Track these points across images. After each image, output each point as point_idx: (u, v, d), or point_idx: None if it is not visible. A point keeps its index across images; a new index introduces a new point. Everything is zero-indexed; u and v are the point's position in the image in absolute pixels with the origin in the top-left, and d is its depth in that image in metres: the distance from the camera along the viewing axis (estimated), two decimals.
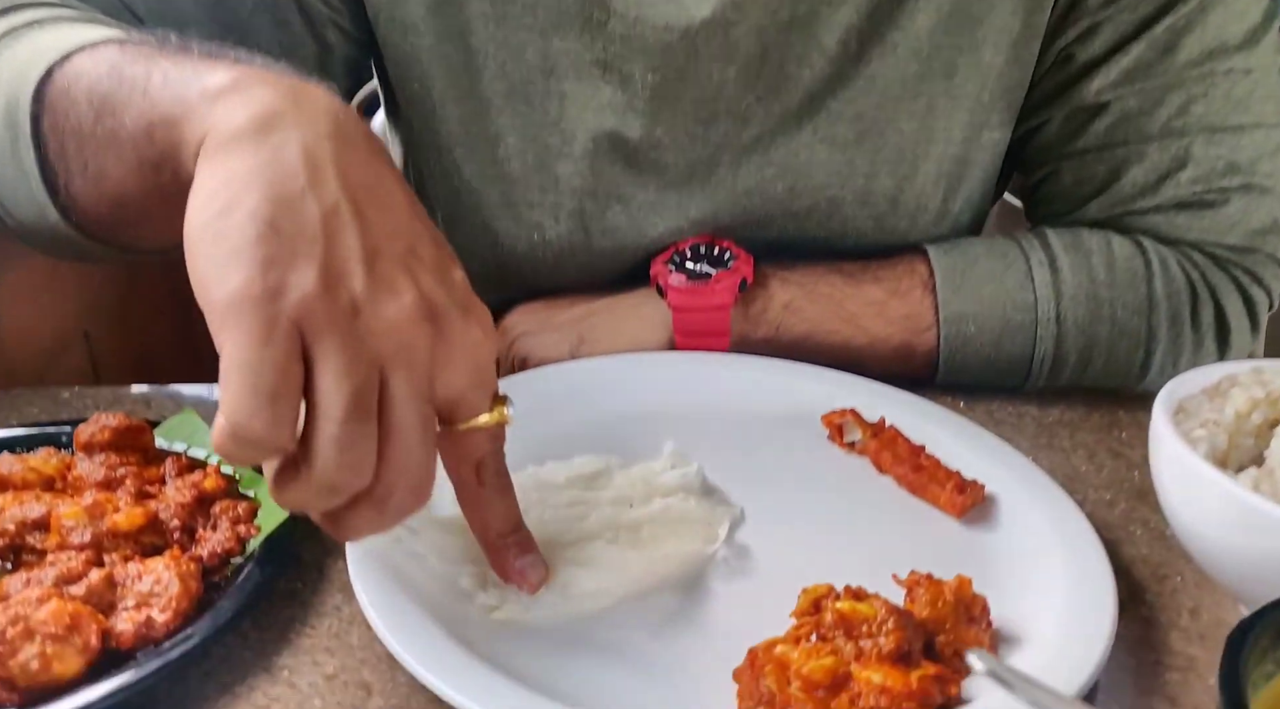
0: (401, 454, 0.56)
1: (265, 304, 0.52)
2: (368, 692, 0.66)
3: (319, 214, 0.56)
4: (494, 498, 0.67)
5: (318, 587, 0.74)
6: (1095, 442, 0.96)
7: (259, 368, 0.51)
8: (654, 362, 0.98)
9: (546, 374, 0.96)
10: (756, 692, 0.63)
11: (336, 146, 0.59)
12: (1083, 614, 0.71)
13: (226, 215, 0.54)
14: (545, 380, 0.95)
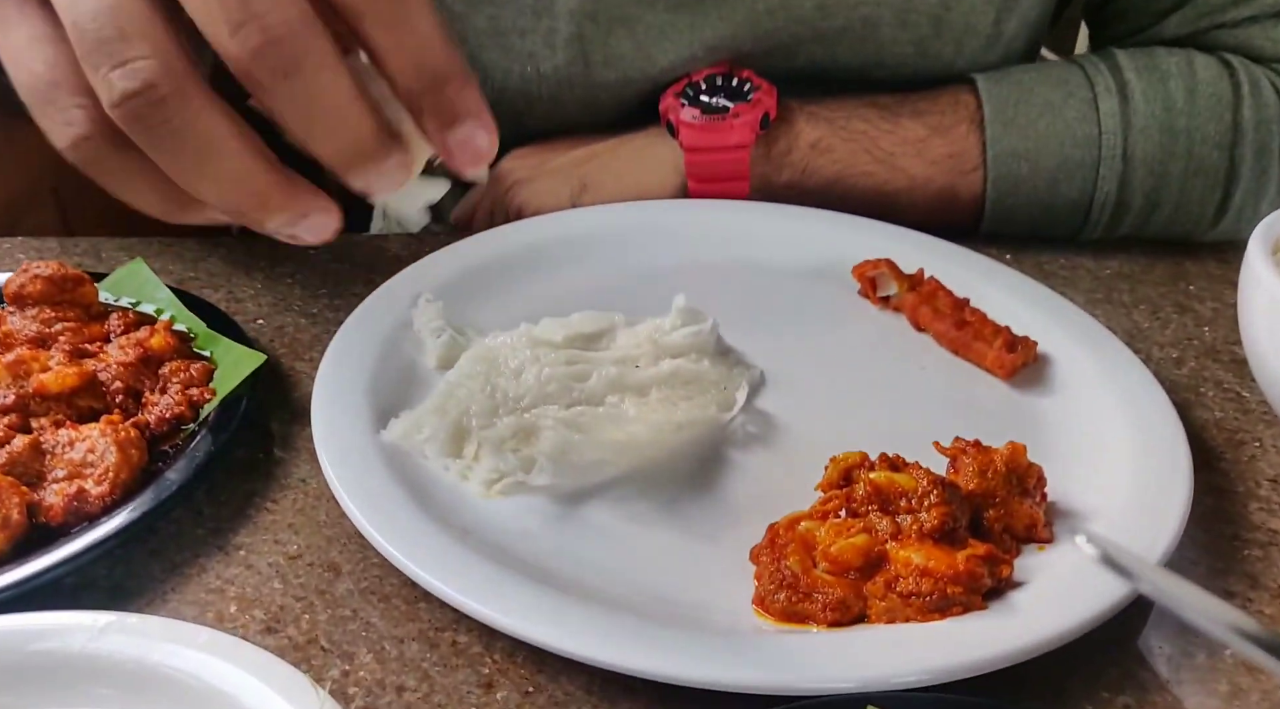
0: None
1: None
2: (335, 573, 0.58)
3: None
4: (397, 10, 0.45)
5: (282, 457, 0.66)
6: (1159, 295, 0.86)
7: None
8: (664, 210, 0.88)
9: (543, 224, 0.86)
10: (777, 575, 0.55)
11: None
12: (1152, 486, 0.62)
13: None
14: (542, 230, 0.85)
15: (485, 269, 0.81)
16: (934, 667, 0.50)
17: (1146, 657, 0.55)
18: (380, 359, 0.71)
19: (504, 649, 0.54)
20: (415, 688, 0.52)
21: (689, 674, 0.50)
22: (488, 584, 0.54)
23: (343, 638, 0.54)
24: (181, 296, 0.74)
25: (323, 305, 0.81)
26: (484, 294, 0.79)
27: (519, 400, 0.68)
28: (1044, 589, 0.55)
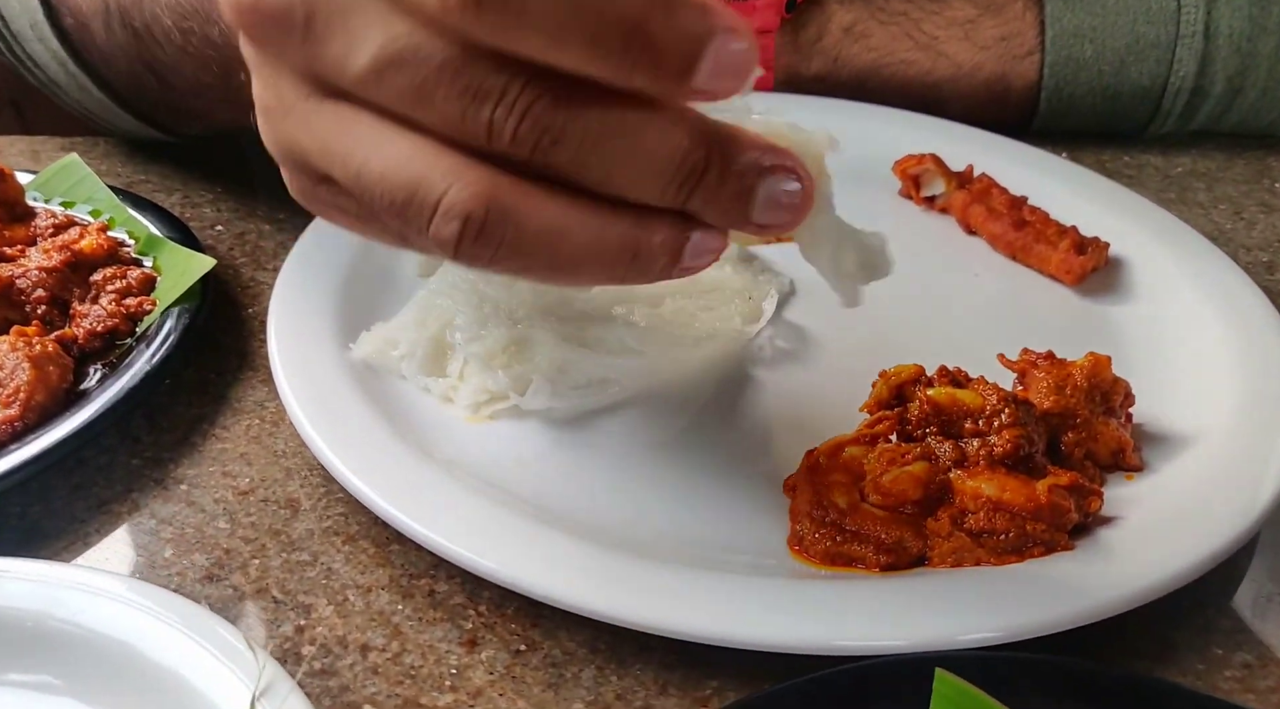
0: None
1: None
2: (293, 510, 0.49)
3: None
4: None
5: (238, 378, 0.57)
6: (1241, 194, 0.76)
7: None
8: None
9: None
10: (818, 510, 0.46)
11: None
12: (1259, 402, 0.52)
13: None
14: None
15: None
16: (1013, 621, 0.41)
17: (1264, 606, 0.46)
18: (353, 265, 0.61)
19: (491, 600, 0.45)
20: (383, 646, 0.43)
21: (711, 630, 0.41)
22: (471, 523, 0.45)
23: (299, 586, 0.46)
24: (126, 198, 0.65)
25: (292, 210, 0.71)
26: None
27: (512, 312, 0.59)
28: (1140, 526, 0.46)
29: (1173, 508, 0.47)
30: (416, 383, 0.55)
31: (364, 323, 0.57)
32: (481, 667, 0.43)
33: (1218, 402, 0.53)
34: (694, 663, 0.43)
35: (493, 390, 0.54)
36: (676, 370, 0.57)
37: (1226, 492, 0.47)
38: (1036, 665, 0.40)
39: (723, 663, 0.42)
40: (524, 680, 0.42)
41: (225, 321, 0.61)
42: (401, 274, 0.63)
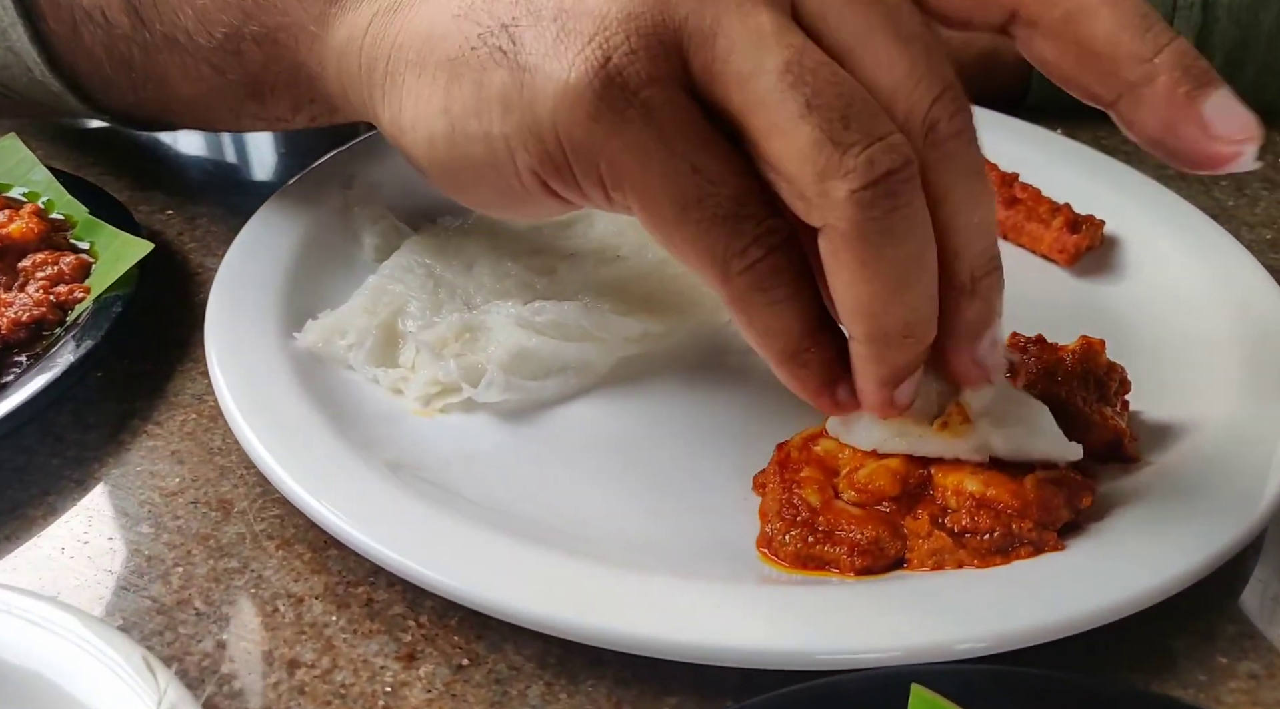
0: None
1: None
2: (224, 513, 0.46)
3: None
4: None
5: (176, 370, 0.53)
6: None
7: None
8: None
9: None
10: (788, 508, 0.42)
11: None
12: (1265, 388, 0.48)
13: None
14: None
15: None
16: (997, 630, 0.38)
17: (1272, 610, 0.42)
18: (302, 250, 0.58)
19: (433, 610, 0.42)
20: (313, 662, 0.40)
21: (669, 643, 0.38)
22: (414, 528, 0.42)
23: (224, 597, 0.42)
24: (67, 180, 0.61)
25: (246, 195, 0.68)
26: None
27: (469, 298, 0.56)
28: (1137, 524, 0.42)
29: (1172, 503, 0.43)
30: (365, 374, 0.52)
31: (313, 310, 0.54)
32: (419, 684, 0.39)
33: (1220, 388, 0.49)
34: (651, 678, 0.39)
35: (444, 382, 0.51)
36: (642, 360, 0.54)
37: (1230, 485, 0.44)
38: (1023, 679, 0.36)
39: (682, 678, 0.39)
40: (465, 699, 0.39)
41: (168, 310, 0.57)
42: (358, 262, 0.59)
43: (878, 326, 0.38)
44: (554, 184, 0.40)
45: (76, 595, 0.42)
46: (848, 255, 0.37)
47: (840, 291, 0.38)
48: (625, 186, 0.38)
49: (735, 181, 0.38)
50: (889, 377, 0.40)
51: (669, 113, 0.37)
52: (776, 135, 0.36)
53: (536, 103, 0.38)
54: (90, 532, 0.45)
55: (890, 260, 0.37)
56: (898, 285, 0.37)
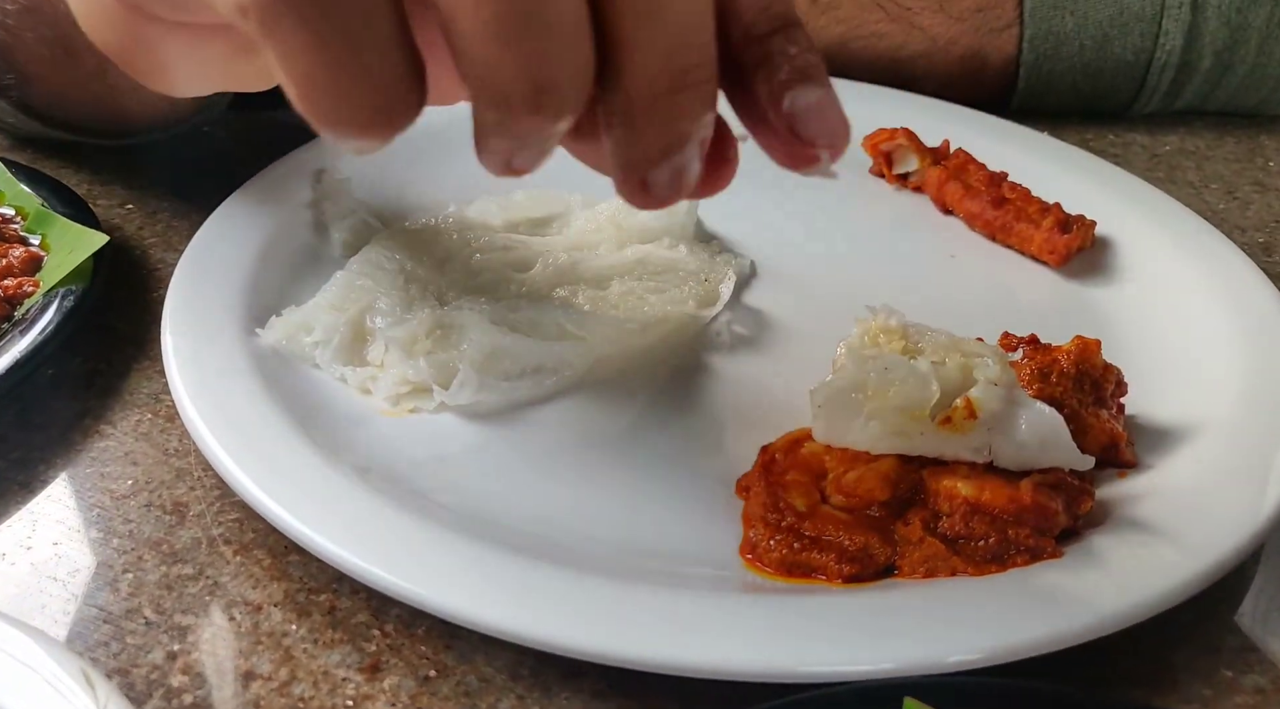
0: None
1: None
2: (179, 517, 0.43)
3: None
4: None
5: (132, 368, 0.51)
6: (1234, 173, 0.71)
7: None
8: None
9: None
10: (773, 513, 0.40)
11: None
12: (1263, 392, 0.47)
13: None
14: None
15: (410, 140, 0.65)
16: (992, 642, 0.36)
17: (1275, 621, 0.41)
18: (267, 245, 0.55)
19: (400, 619, 0.40)
20: (270, 674, 0.37)
21: (649, 655, 0.36)
22: (380, 532, 0.40)
23: (176, 605, 0.40)
24: (20, 171, 0.59)
25: (210, 187, 0.66)
26: (408, 170, 0.63)
27: (441, 294, 0.53)
28: (1135, 531, 0.41)
29: (1171, 509, 0.41)
30: (332, 372, 0.50)
31: (277, 307, 0.52)
32: (383, 697, 0.37)
33: (1218, 391, 0.48)
34: (629, 692, 0.37)
35: (414, 381, 0.48)
36: (621, 359, 0.52)
37: (1230, 492, 0.42)
38: (1020, 693, 0.35)
39: (662, 691, 0.37)
40: None
41: (125, 306, 0.55)
42: (325, 258, 0.57)
43: (491, 81, 0.28)
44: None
45: (17, 604, 0.39)
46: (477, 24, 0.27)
47: (452, 39, 0.28)
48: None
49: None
50: (509, 148, 0.30)
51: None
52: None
53: None
54: (34, 537, 0.42)
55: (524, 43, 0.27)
56: (517, 27, 0.27)
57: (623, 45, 0.29)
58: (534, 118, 0.29)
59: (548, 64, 0.28)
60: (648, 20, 0.29)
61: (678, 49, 0.29)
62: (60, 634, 0.38)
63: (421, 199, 0.60)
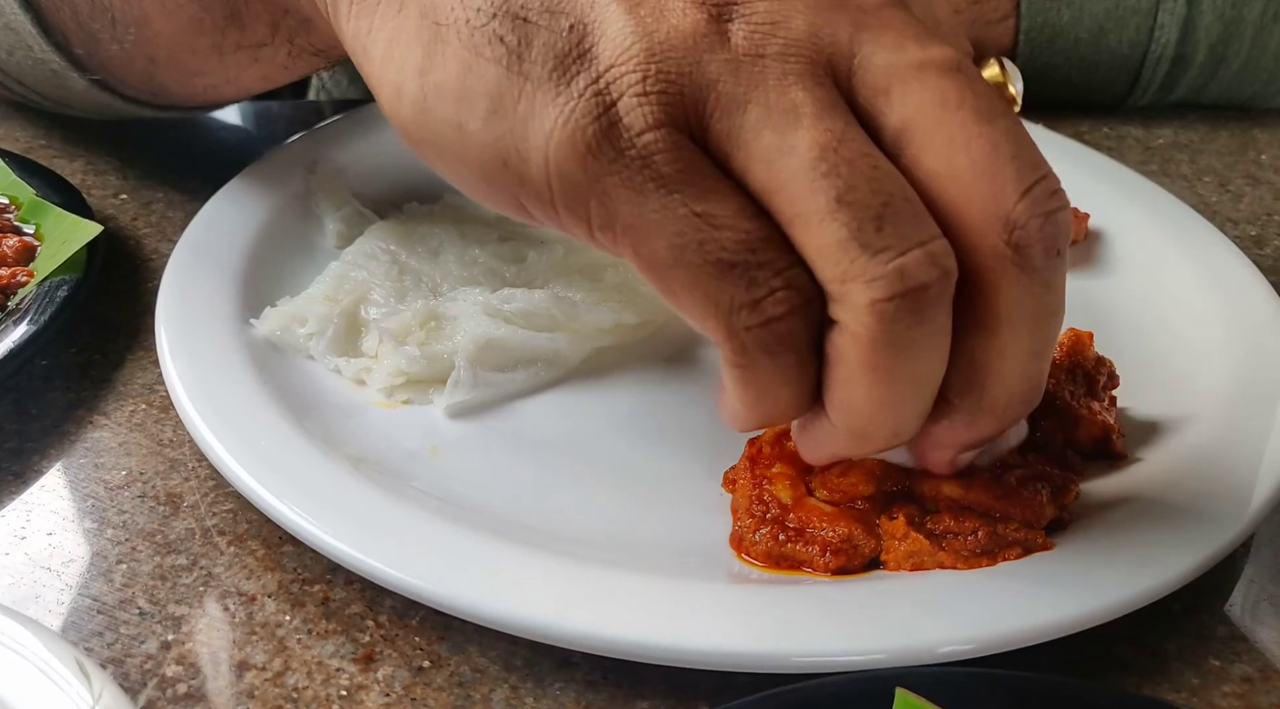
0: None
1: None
2: (173, 508, 0.44)
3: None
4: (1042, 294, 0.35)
5: (126, 359, 0.51)
6: (1226, 166, 0.71)
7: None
8: None
9: None
10: (758, 504, 0.41)
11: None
12: (1257, 385, 0.47)
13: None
14: None
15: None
16: (986, 631, 0.36)
17: (1264, 611, 0.41)
18: (261, 235, 0.55)
19: (394, 610, 0.40)
20: (264, 664, 0.38)
21: (640, 644, 0.36)
22: (373, 522, 0.40)
23: (170, 595, 0.40)
24: (14, 161, 0.59)
25: (205, 179, 0.66)
26: (402, 161, 0.62)
27: (435, 286, 0.53)
28: (1126, 523, 0.41)
29: (1162, 501, 0.42)
30: (326, 364, 0.50)
31: (271, 298, 0.52)
32: (377, 687, 0.37)
33: (1210, 384, 0.48)
34: (621, 681, 0.37)
35: (408, 372, 0.48)
36: (615, 351, 0.52)
37: (1221, 483, 0.42)
38: (1011, 683, 0.35)
39: (654, 681, 0.37)
40: (425, 703, 0.37)
41: (119, 296, 0.55)
42: (320, 249, 0.57)
43: (862, 427, 0.35)
44: (530, 206, 0.36)
45: (11, 594, 0.39)
46: (855, 359, 0.33)
47: (836, 387, 0.35)
48: (616, 227, 0.34)
49: (747, 226, 0.33)
50: (850, 455, 0.39)
51: (670, 158, 0.33)
52: (800, 224, 0.33)
53: (530, 122, 0.34)
54: (28, 527, 0.42)
55: (898, 376, 0.33)
56: (897, 400, 0.34)
57: (989, 373, 0.35)
58: (876, 446, 0.37)
59: (913, 419, 0.35)
60: (1030, 363, 0.35)
61: (1035, 377, 0.36)
62: (55, 624, 0.39)
63: (416, 190, 0.60)
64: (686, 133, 0.33)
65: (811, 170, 0.32)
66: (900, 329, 0.32)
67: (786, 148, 0.32)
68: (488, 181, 0.36)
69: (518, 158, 0.35)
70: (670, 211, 0.33)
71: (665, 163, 0.33)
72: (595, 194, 0.34)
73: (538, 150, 0.34)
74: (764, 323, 0.33)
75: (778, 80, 0.33)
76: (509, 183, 0.36)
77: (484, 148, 0.35)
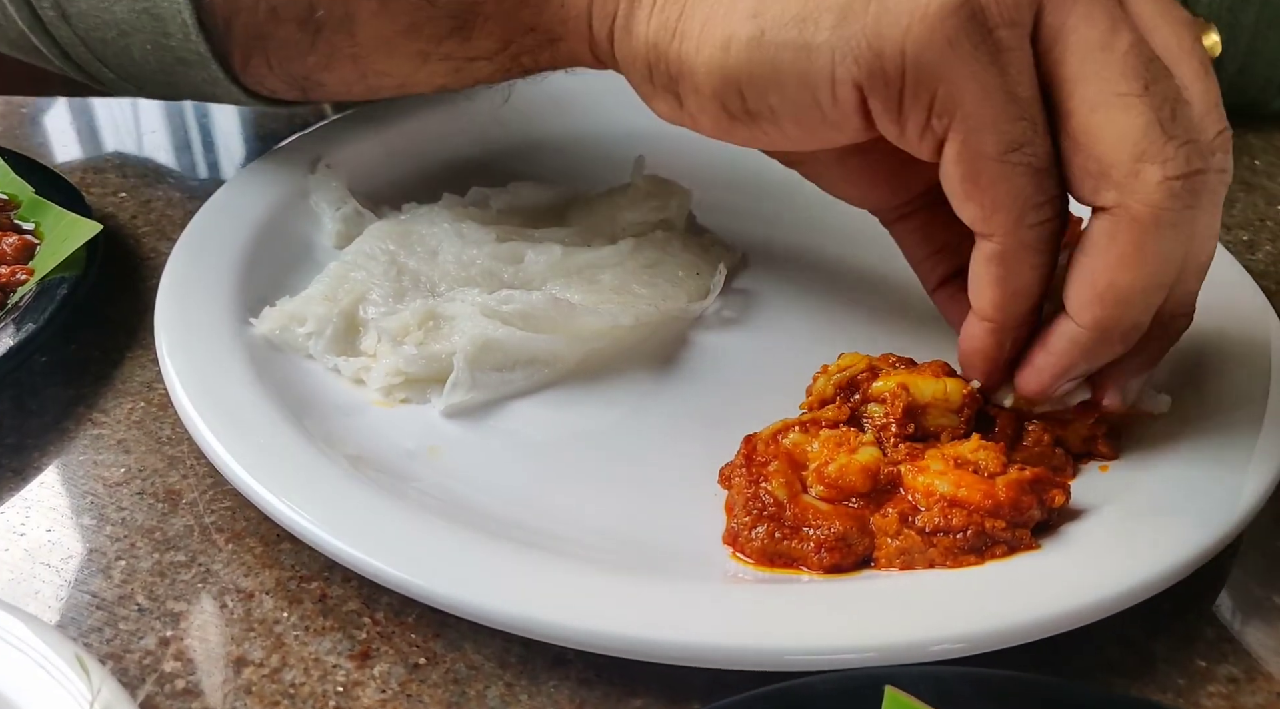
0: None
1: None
2: (172, 504, 0.44)
3: None
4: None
5: (125, 357, 0.51)
6: None
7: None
8: None
9: None
10: (754, 501, 0.41)
11: None
12: (1242, 389, 0.48)
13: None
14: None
15: (405, 132, 0.65)
16: (975, 630, 0.37)
17: (1251, 612, 0.42)
18: (260, 234, 0.56)
19: (390, 607, 0.40)
20: (261, 660, 0.38)
21: (634, 643, 0.36)
22: (370, 520, 0.40)
23: (169, 592, 0.40)
24: (13, 159, 0.59)
25: (205, 178, 0.66)
26: (402, 161, 0.64)
27: (433, 286, 0.54)
28: (1114, 523, 0.41)
29: (1150, 502, 0.42)
30: (325, 363, 0.50)
31: (270, 297, 0.52)
32: (373, 683, 0.38)
33: (1198, 386, 0.48)
34: (615, 679, 0.38)
35: (406, 372, 0.49)
36: (612, 351, 0.52)
37: (1208, 485, 0.43)
38: (999, 682, 0.35)
39: (647, 679, 0.37)
40: (421, 699, 0.37)
41: (118, 295, 0.55)
42: (319, 248, 0.57)
43: (1113, 317, 0.39)
44: (875, 101, 0.40)
45: (11, 590, 0.40)
46: (1129, 238, 0.38)
47: (1095, 274, 0.39)
48: (955, 114, 0.38)
49: (1048, 140, 0.39)
50: (1077, 372, 0.42)
51: (1018, 57, 0.38)
52: (1104, 107, 0.37)
53: (887, 16, 0.38)
54: (28, 523, 0.43)
55: (1163, 255, 0.38)
56: (1157, 281, 0.39)
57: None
58: (1111, 350, 0.41)
59: (1150, 314, 0.40)
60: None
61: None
62: (54, 620, 0.39)
63: (415, 190, 0.61)
64: (1028, 28, 0.38)
65: (1124, 61, 0.37)
66: (1180, 206, 0.37)
67: (1106, 42, 0.38)
68: (831, 88, 0.40)
69: (870, 53, 0.38)
70: (1008, 111, 0.38)
71: (1014, 63, 0.38)
72: (945, 81, 0.38)
73: (893, 43, 0.38)
74: (1043, 222, 0.39)
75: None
76: (853, 80, 0.39)
77: (831, 53, 0.39)
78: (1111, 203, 0.38)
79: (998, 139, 0.38)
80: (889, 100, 0.39)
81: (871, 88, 0.39)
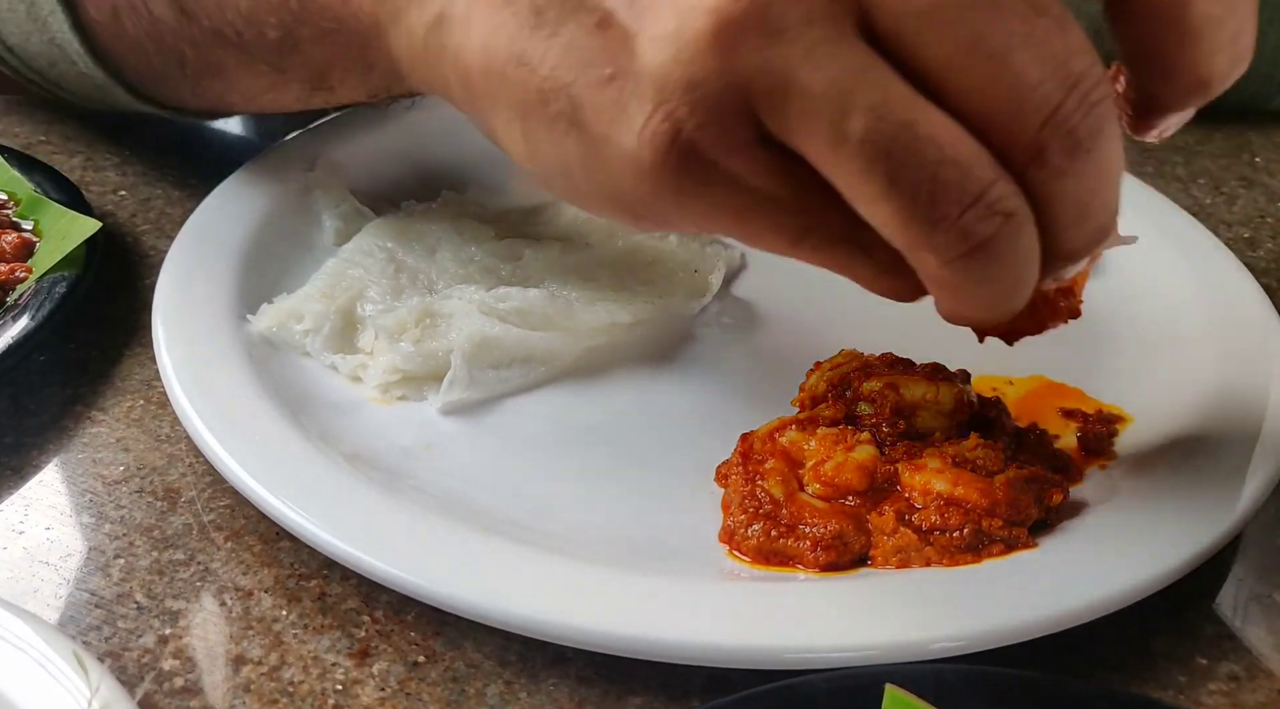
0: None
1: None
2: (170, 503, 0.44)
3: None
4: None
5: (124, 355, 0.51)
6: (1221, 168, 0.72)
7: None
8: None
9: None
10: (751, 499, 0.41)
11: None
12: (1242, 387, 0.48)
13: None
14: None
15: (402, 129, 0.65)
16: (975, 628, 0.37)
17: (1251, 610, 0.41)
18: (259, 232, 0.56)
19: (389, 605, 0.40)
20: (260, 659, 0.38)
21: (632, 641, 0.36)
22: (368, 518, 0.40)
23: (168, 590, 0.40)
24: (13, 157, 0.59)
25: (204, 177, 0.66)
26: (400, 159, 0.64)
27: (431, 283, 0.54)
28: (1114, 521, 0.41)
29: (1150, 500, 0.42)
30: (322, 360, 0.50)
31: (268, 294, 0.52)
32: (372, 681, 0.37)
33: (1198, 384, 0.48)
34: (614, 677, 0.38)
35: (403, 370, 0.49)
36: (609, 349, 0.52)
37: (1208, 483, 0.43)
38: (999, 680, 0.35)
39: (646, 677, 0.37)
40: (420, 698, 0.37)
41: (117, 293, 0.55)
42: (318, 246, 0.57)
43: (967, 322, 0.37)
44: (649, 229, 0.39)
45: (9, 588, 0.40)
46: (945, 294, 0.35)
47: (938, 303, 0.36)
48: (732, 235, 0.36)
49: (840, 208, 0.34)
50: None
51: (757, 174, 0.34)
52: (864, 205, 0.33)
53: (614, 178, 0.35)
54: (27, 521, 0.43)
55: (987, 296, 0.34)
56: (992, 306, 0.35)
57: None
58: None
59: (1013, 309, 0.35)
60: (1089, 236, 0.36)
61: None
62: (52, 618, 0.39)
63: (413, 188, 0.61)
64: (753, 139, 0.33)
65: (858, 157, 0.32)
66: (977, 270, 0.33)
67: (834, 139, 0.32)
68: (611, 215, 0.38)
69: (623, 207, 0.37)
70: (773, 219, 0.35)
71: (753, 181, 0.34)
72: (696, 221, 0.35)
73: (632, 200, 0.36)
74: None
75: (806, 57, 0.32)
76: (623, 220, 0.37)
77: (594, 199, 0.37)
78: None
79: (786, 242, 0.35)
80: (663, 228, 0.38)
81: (640, 227, 0.38)
